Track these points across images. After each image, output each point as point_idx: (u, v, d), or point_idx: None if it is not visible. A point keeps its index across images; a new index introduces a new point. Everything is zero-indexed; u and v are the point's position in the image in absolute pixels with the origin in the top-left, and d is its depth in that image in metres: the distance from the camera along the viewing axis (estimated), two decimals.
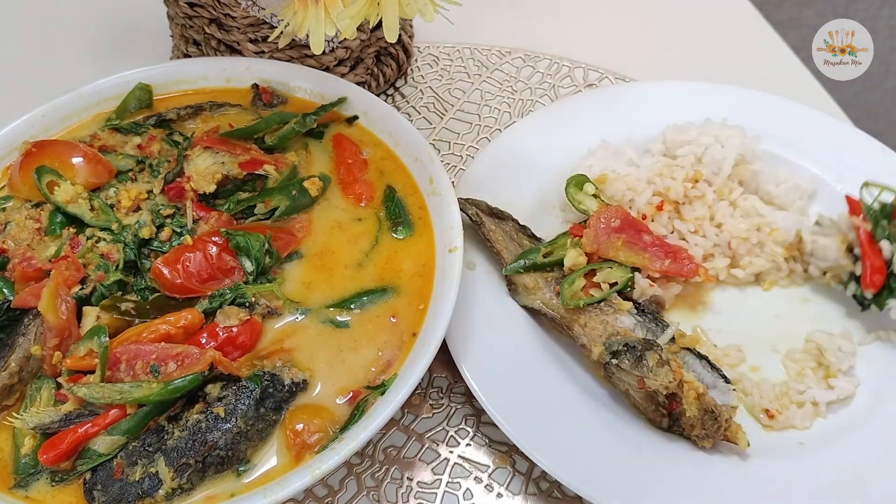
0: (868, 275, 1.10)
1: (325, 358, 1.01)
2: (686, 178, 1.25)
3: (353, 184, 1.20)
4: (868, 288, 1.10)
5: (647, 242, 1.16)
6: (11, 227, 1.11)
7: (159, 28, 1.57)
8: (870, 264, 1.10)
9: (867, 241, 1.11)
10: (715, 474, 1.00)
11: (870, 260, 1.10)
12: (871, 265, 1.10)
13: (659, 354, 1.01)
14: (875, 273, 1.09)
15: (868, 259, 1.10)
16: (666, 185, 1.25)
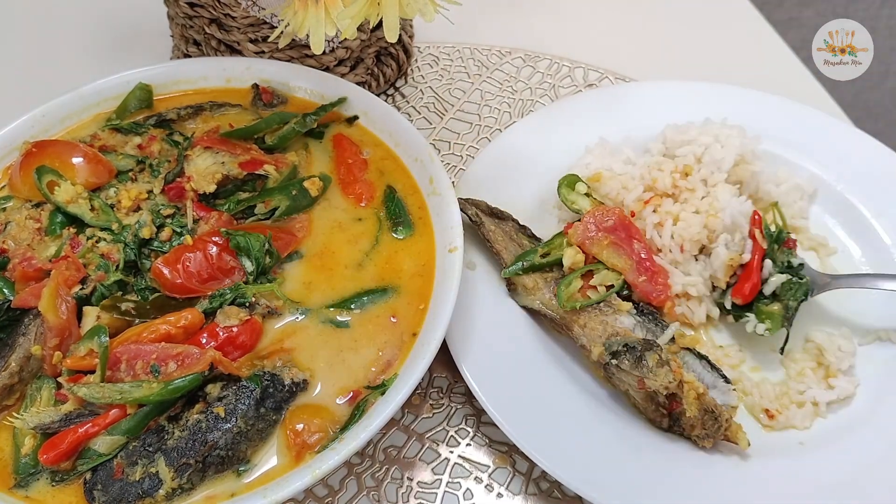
0: (744, 286, 1.12)
1: (326, 358, 1.01)
2: (675, 169, 1.25)
3: (353, 184, 1.20)
4: (736, 296, 1.12)
5: (635, 251, 1.15)
6: (12, 227, 1.11)
7: (159, 28, 1.57)
8: (750, 278, 1.12)
9: (758, 257, 1.13)
10: (715, 474, 1.00)
11: (752, 274, 1.12)
12: (751, 279, 1.12)
13: (659, 355, 1.01)
14: (751, 288, 1.11)
15: (751, 273, 1.12)
16: (654, 176, 1.24)
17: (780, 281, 1.11)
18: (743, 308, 1.13)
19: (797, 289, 1.12)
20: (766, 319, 1.10)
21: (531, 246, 1.19)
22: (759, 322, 1.11)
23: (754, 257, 1.13)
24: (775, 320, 1.10)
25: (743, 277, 1.13)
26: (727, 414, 1.01)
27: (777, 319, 1.10)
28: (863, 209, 1.28)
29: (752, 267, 1.12)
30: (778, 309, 1.11)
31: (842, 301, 1.21)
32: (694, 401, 1.00)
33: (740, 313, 1.13)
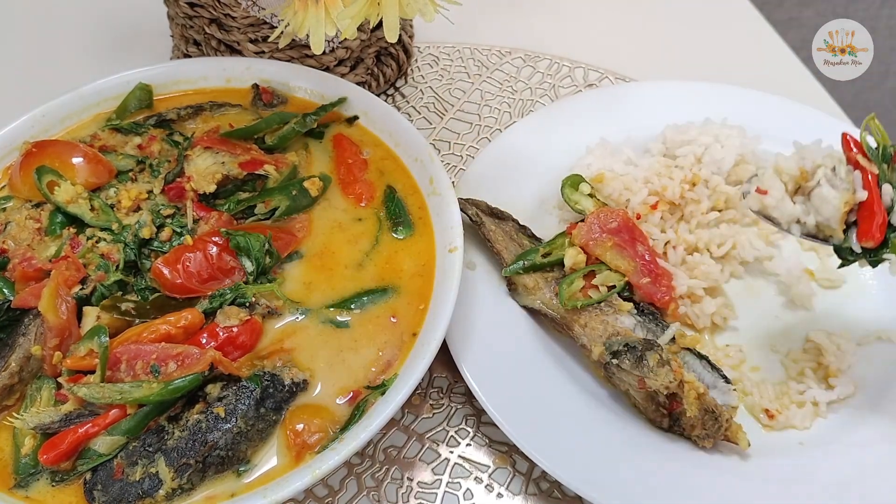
0: (871, 226, 0.94)
1: (326, 358, 1.01)
2: (684, 179, 1.25)
3: (354, 184, 1.20)
4: (868, 240, 0.94)
5: (639, 253, 1.14)
6: (12, 227, 1.11)
7: (159, 28, 1.57)
8: (874, 214, 0.94)
9: (874, 186, 0.94)
10: (715, 474, 1.00)
11: (875, 209, 0.94)
12: (876, 215, 0.94)
13: (659, 354, 1.01)
14: (881, 225, 0.94)
15: (872, 208, 0.94)
16: (663, 184, 1.25)
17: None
18: (876, 250, 0.96)
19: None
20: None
21: (531, 246, 1.19)
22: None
23: (870, 190, 0.94)
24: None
25: (864, 216, 0.95)
26: (727, 414, 1.01)
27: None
28: None
29: (873, 201, 0.94)
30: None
31: (842, 301, 1.21)
32: (694, 401, 1.00)
33: (876, 257, 0.96)
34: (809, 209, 0.99)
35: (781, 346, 1.16)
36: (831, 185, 0.96)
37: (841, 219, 0.95)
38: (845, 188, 0.96)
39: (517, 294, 1.16)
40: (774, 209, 1.00)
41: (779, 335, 1.18)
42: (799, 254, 1.26)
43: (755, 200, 1.00)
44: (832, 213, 0.95)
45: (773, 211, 1.00)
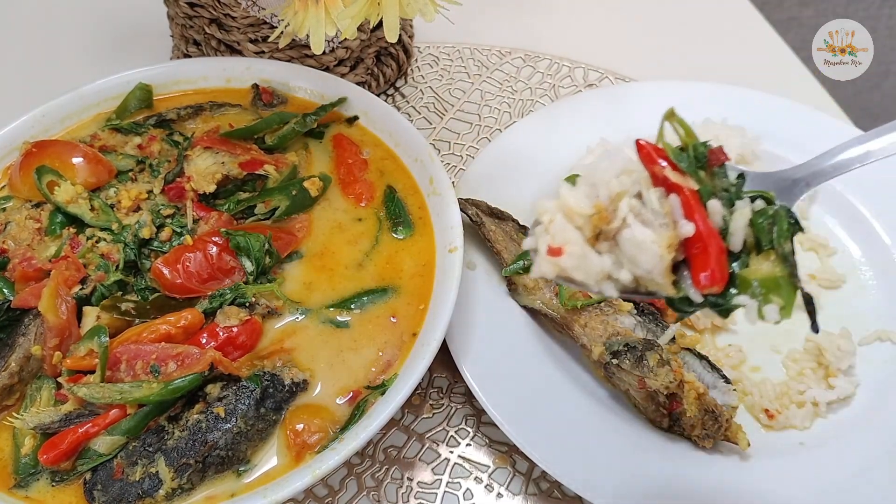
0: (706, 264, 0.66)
1: (326, 358, 1.01)
2: None
3: (354, 184, 1.20)
4: (712, 284, 0.66)
5: None
6: (11, 227, 1.11)
7: (159, 28, 1.57)
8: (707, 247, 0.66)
9: (696, 205, 0.67)
10: (715, 474, 1.00)
11: (707, 241, 0.66)
12: (712, 246, 0.66)
13: (659, 354, 1.01)
14: (718, 260, 0.66)
15: (703, 239, 0.66)
16: None
17: (747, 219, 0.68)
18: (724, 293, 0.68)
19: (776, 216, 0.69)
20: (769, 292, 0.66)
21: None
22: (761, 301, 0.66)
23: (696, 218, 0.67)
24: (781, 287, 0.66)
25: (695, 254, 0.67)
26: (727, 414, 1.01)
27: (783, 284, 0.66)
28: (863, 209, 1.28)
29: (702, 231, 0.66)
30: (771, 267, 0.67)
31: (842, 301, 1.21)
32: (694, 401, 1.00)
33: (724, 304, 0.68)
34: (621, 259, 0.69)
35: (781, 346, 1.16)
36: (642, 223, 0.68)
37: (667, 268, 0.67)
38: (662, 223, 0.67)
39: (517, 294, 1.16)
40: (576, 270, 0.68)
41: (779, 335, 1.17)
42: (800, 255, 1.26)
43: (549, 265, 0.68)
44: (653, 263, 0.66)
45: (574, 273, 0.68)
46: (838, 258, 1.26)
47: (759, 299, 0.66)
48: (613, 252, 0.69)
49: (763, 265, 0.67)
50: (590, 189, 0.71)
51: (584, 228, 0.69)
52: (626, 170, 0.71)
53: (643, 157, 0.72)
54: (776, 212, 0.69)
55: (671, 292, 0.68)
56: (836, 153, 0.78)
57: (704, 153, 0.72)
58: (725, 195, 0.70)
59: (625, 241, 0.67)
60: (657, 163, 0.70)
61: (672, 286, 0.68)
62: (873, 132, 0.78)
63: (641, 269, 0.67)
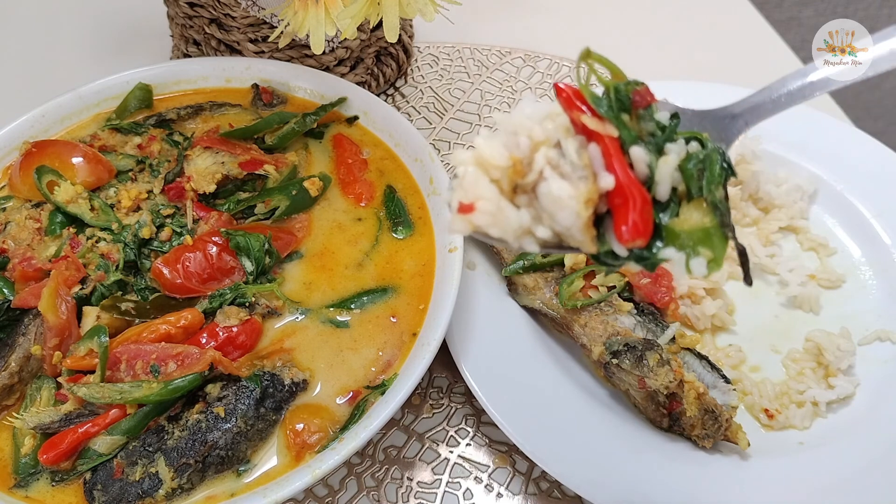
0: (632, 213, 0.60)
1: (325, 358, 1.01)
2: None
3: (353, 184, 1.20)
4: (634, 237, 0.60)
5: None
6: (11, 227, 1.11)
7: (159, 28, 1.57)
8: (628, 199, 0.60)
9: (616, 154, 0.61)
10: (715, 474, 1.00)
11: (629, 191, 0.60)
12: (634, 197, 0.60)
13: (659, 354, 1.01)
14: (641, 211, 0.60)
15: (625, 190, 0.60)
16: None
17: (673, 166, 0.62)
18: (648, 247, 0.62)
19: (707, 161, 0.63)
20: (697, 244, 0.61)
21: None
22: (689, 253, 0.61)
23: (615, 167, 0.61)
24: (712, 238, 0.61)
25: (618, 205, 0.61)
26: (727, 414, 1.01)
27: (714, 235, 0.62)
28: (863, 209, 1.28)
29: (623, 182, 0.61)
30: (701, 217, 0.62)
31: (842, 301, 1.21)
32: (694, 401, 1.00)
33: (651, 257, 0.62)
34: (541, 213, 0.63)
35: (781, 346, 1.16)
36: (560, 176, 0.62)
37: (586, 223, 0.61)
38: (581, 176, 0.61)
39: (517, 294, 1.16)
40: (492, 226, 0.63)
41: (779, 335, 1.18)
42: (800, 255, 1.26)
43: (461, 223, 0.63)
44: (570, 219, 0.60)
45: (490, 229, 0.63)
46: (838, 258, 1.26)
47: (686, 252, 0.61)
48: (533, 206, 0.63)
49: (692, 215, 0.62)
50: (510, 137, 0.64)
51: (502, 181, 0.63)
52: (552, 114, 0.64)
53: (562, 101, 0.64)
54: (707, 155, 0.63)
55: (592, 249, 0.62)
56: (777, 87, 0.73)
57: (629, 95, 0.65)
58: (652, 140, 0.64)
59: (542, 196, 0.61)
60: (576, 107, 0.63)
61: (593, 242, 0.62)
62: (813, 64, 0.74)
63: (560, 226, 0.62)
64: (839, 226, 1.30)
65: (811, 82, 0.71)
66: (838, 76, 0.71)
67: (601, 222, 0.62)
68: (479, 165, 0.63)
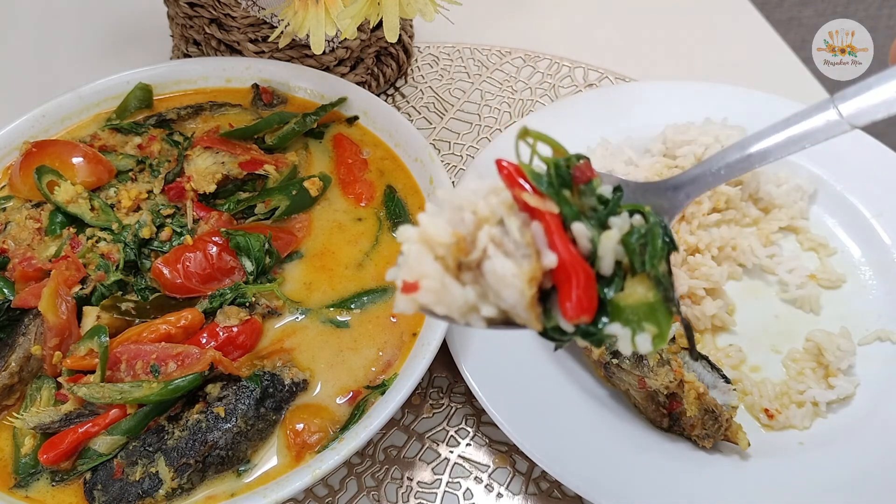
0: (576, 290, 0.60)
1: (326, 358, 1.01)
2: None
3: (354, 184, 1.20)
4: (579, 315, 0.60)
5: None
6: (12, 226, 1.11)
7: (159, 28, 1.57)
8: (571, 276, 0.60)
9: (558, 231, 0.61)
10: (715, 474, 1.00)
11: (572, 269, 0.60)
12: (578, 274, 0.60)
13: (659, 354, 1.01)
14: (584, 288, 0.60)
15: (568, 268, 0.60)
16: None
17: (616, 241, 0.62)
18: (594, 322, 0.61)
19: (649, 235, 0.63)
20: (642, 320, 0.60)
21: None
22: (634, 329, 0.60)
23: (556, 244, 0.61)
24: (656, 313, 0.61)
25: (562, 281, 0.61)
26: (727, 414, 1.01)
27: (658, 310, 0.61)
28: (863, 209, 1.28)
29: (565, 260, 0.60)
30: (645, 292, 0.62)
31: (842, 301, 1.21)
32: (694, 401, 1.00)
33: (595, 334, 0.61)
34: (486, 290, 0.62)
35: (781, 346, 1.16)
36: (504, 254, 0.61)
37: (531, 301, 0.61)
38: (524, 254, 0.61)
39: None
40: (437, 304, 0.61)
41: (779, 335, 1.18)
42: (800, 255, 1.26)
43: (406, 302, 0.61)
44: (514, 297, 0.60)
45: (436, 307, 0.61)
46: (838, 258, 1.26)
47: (632, 327, 0.60)
48: (479, 283, 0.62)
49: (637, 289, 0.61)
50: (454, 213, 0.63)
51: (448, 258, 0.62)
52: (495, 189, 0.65)
53: (504, 178, 0.64)
54: (649, 229, 0.62)
55: (537, 327, 0.62)
56: (718, 159, 0.76)
57: (569, 170, 0.65)
58: (594, 214, 0.64)
59: (487, 274, 0.61)
60: (518, 185, 0.63)
61: (538, 320, 0.61)
62: (753, 136, 0.76)
63: (505, 304, 0.61)
64: (839, 226, 1.30)
65: (749, 155, 0.74)
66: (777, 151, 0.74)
67: (547, 297, 0.62)
68: (424, 243, 0.62)
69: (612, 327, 0.60)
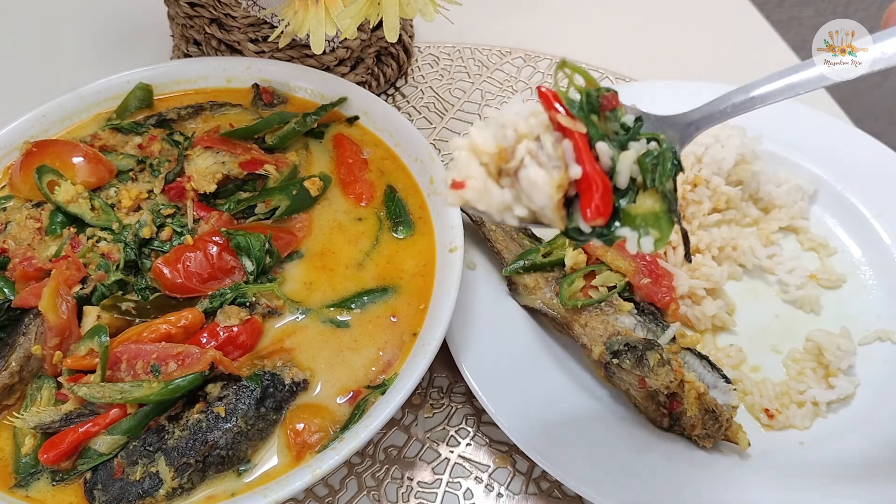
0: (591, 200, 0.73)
1: (326, 357, 1.01)
2: (685, 180, 1.25)
3: (354, 183, 1.20)
4: (595, 217, 0.73)
5: (639, 254, 1.14)
6: (12, 226, 1.11)
7: (160, 28, 1.57)
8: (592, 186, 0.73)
9: (584, 149, 0.74)
10: (715, 474, 1.00)
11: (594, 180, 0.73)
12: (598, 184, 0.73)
13: (660, 354, 1.01)
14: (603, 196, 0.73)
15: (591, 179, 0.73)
16: None
17: (632, 160, 0.75)
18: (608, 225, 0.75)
19: (661, 157, 0.75)
20: (648, 226, 0.74)
21: (532, 246, 1.19)
22: (641, 232, 0.74)
23: (584, 160, 0.73)
24: (660, 222, 0.74)
25: (584, 189, 0.74)
26: (727, 414, 1.01)
27: (662, 219, 0.74)
28: (863, 209, 1.29)
29: (589, 172, 0.73)
30: (653, 204, 0.75)
31: (842, 301, 1.21)
32: (694, 400, 1.00)
33: (609, 234, 0.75)
34: (520, 194, 0.76)
35: (782, 346, 1.16)
36: (538, 164, 0.74)
37: (557, 204, 0.74)
38: (555, 165, 0.74)
39: (517, 294, 1.16)
40: (479, 201, 0.76)
41: (779, 335, 1.18)
42: (800, 255, 1.26)
43: (454, 196, 0.76)
44: (544, 200, 0.73)
45: (477, 203, 0.76)
46: (838, 258, 1.26)
47: (639, 231, 0.73)
48: (514, 187, 0.76)
49: (646, 201, 0.74)
50: (499, 129, 0.77)
51: (490, 165, 0.76)
52: (535, 112, 0.77)
53: (543, 101, 0.77)
54: (661, 152, 0.75)
55: (560, 226, 0.75)
56: (725, 99, 0.86)
57: (598, 99, 0.77)
58: (616, 138, 0.76)
59: (522, 180, 0.74)
60: (554, 108, 0.76)
61: (562, 220, 0.75)
62: (755, 82, 0.85)
63: (535, 206, 0.74)
64: (839, 226, 1.30)
65: (752, 97, 0.85)
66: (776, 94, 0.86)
67: (570, 204, 0.75)
68: (472, 150, 0.77)
69: (623, 230, 0.73)
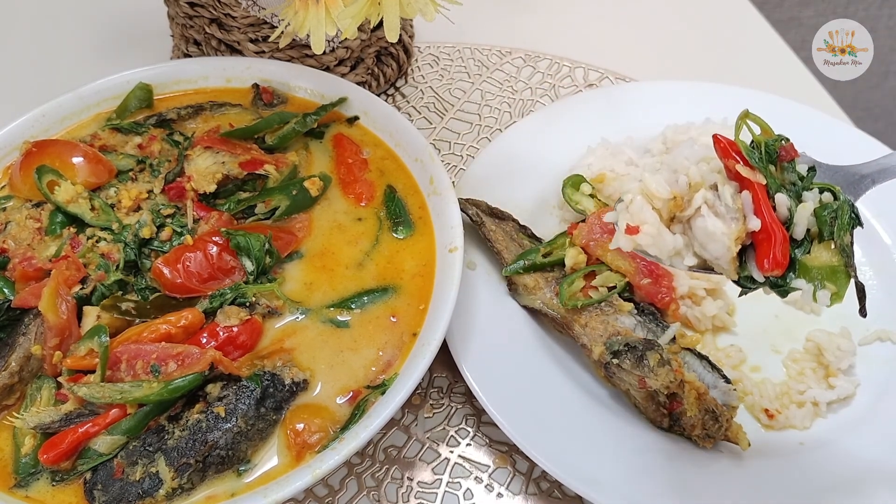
0: (774, 249, 0.74)
1: (326, 358, 1.01)
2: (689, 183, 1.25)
3: (354, 183, 1.20)
4: (772, 268, 0.74)
5: (639, 255, 1.14)
6: (12, 226, 1.11)
7: (159, 28, 1.57)
8: (771, 237, 0.75)
9: (763, 199, 0.76)
10: (715, 474, 1.00)
11: (772, 232, 0.75)
12: (777, 236, 0.75)
13: (660, 354, 1.01)
14: (781, 247, 0.75)
15: (769, 231, 0.75)
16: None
17: (810, 212, 0.76)
18: (783, 276, 0.77)
19: (839, 210, 0.76)
20: (824, 279, 0.74)
21: (532, 246, 1.19)
22: (817, 286, 0.75)
23: (762, 211, 0.75)
24: (837, 276, 0.74)
25: (761, 240, 0.76)
26: (727, 414, 1.01)
27: (839, 273, 0.75)
28: (863, 209, 1.28)
29: (768, 224, 0.75)
30: (830, 256, 0.75)
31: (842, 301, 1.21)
32: (695, 401, 1.00)
33: (784, 285, 0.77)
34: (692, 242, 0.78)
35: (782, 346, 1.16)
36: (715, 215, 0.76)
37: (733, 257, 0.76)
38: (733, 217, 0.75)
39: (517, 294, 1.16)
40: (651, 246, 0.79)
41: (779, 335, 1.18)
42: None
43: (627, 241, 0.79)
44: (721, 251, 0.75)
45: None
46: None
47: (815, 284, 0.74)
48: (686, 234, 0.78)
49: (822, 254, 0.75)
50: (670, 174, 0.79)
51: (662, 210, 0.78)
52: (705, 158, 0.79)
53: (719, 150, 0.79)
54: (839, 206, 0.76)
55: (734, 277, 0.77)
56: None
57: (776, 149, 0.80)
58: (793, 188, 0.78)
59: (697, 229, 0.76)
60: (731, 157, 0.78)
61: (735, 271, 0.77)
62: None
63: (709, 255, 0.77)
64: None
65: None
66: None
67: (743, 251, 0.77)
68: (645, 196, 0.79)
69: (798, 282, 0.74)
